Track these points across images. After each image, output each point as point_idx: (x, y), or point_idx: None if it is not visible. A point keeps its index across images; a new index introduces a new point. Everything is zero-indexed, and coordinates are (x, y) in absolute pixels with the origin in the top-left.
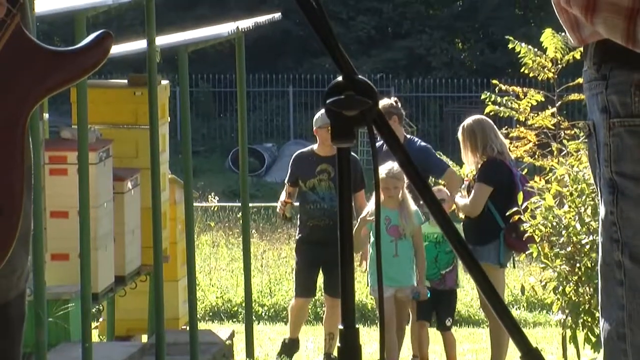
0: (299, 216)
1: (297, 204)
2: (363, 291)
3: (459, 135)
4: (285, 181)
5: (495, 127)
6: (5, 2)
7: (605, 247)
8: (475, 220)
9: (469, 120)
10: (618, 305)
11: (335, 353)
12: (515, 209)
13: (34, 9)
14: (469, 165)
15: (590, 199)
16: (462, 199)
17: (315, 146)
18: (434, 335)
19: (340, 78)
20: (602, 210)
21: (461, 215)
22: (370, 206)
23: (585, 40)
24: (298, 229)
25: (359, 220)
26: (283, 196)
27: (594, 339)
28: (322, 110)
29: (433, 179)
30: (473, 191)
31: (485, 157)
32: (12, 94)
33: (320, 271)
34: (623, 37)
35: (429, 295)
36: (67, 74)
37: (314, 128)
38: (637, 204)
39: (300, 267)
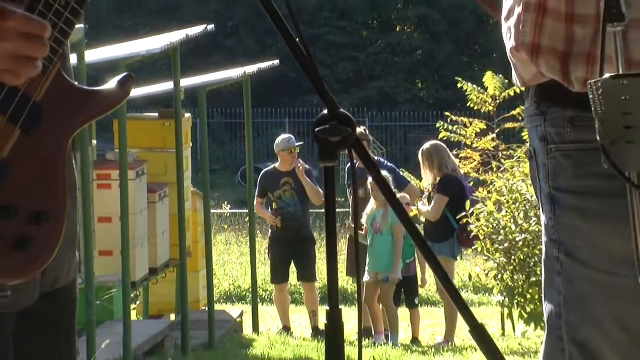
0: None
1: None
2: (343, 277)
3: (420, 156)
4: (255, 194)
5: (447, 149)
6: (49, 45)
7: (547, 245)
8: (434, 223)
9: (426, 145)
10: (557, 291)
11: (320, 326)
12: (464, 213)
13: (84, 58)
14: (427, 180)
15: (522, 205)
16: (424, 207)
17: (277, 164)
18: (401, 312)
19: (325, 111)
20: (543, 218)
21: (422, 219)
22: (368, 207)
23: (528, 83)
24: (271, 229)
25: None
26: (268, 212)
27: (525, 316)
28: (282, 136)
29: (396, 191)
30: (433, 201)
31: (441, 173)
32: (55, 125)
33: (293, 264)
34: (560, 76)
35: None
36: (97, 109)
37: (276, 150)
38: (570, 212)
39: (274, 260)
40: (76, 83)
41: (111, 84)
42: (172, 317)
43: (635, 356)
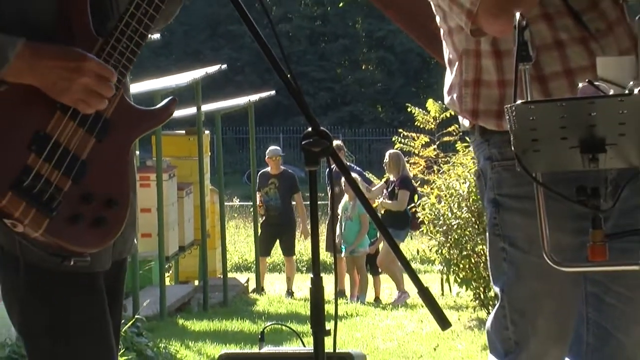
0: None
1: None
2: (323, 252)
3: (387, 159)
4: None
5: (403, 156)
6: (116, 75)
7: (492, 240)
8: (394, 212)
9: (392, 151)
10: (503, 273)
11: (293, 289)
12: (413, 204)
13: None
14: (392, 178)
15: (456, 198)
16: (389, 201)
17: (268, 168)
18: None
19: (309, 129)
20: (488, 218)
21: (382, 211)
22: (342, 201)
23: (475, 128)
24: (262, 217)
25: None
26: (258, 200)
27: (459, 280)
28: (271, 147)
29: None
30: (399, 195)
31: (400, 174)
32: (121, 135)
33: (278, 242)
34: (495, 127)
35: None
36: (149, 124)
37: (266, 158)
38: (511, 212)
39: (262, 238)
40: (134, 104)
41: (160, 104)
42: (196, 282)
43: (561, 318)
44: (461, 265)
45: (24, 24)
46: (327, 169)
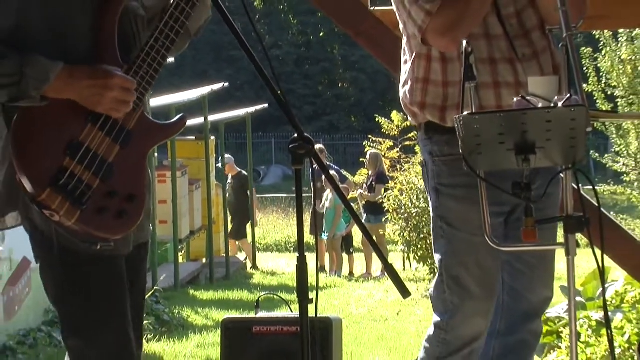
0: None
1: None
2: (307, 236)
3: (367, 158)
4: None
5: (381, 156)
6: (136, 94)
7: (434, 220)
8: (373, 202)
9: (371, 152)
10: (441, 246)
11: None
12: (381, 196)
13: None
14: (372, 174)
15: (415, 191)
16: (368, 193)
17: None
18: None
19: (296, 135)
20: (431, 203)
21: (363, 201)
22: (325, 194)
23: (420, 123)
24: None
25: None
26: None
27: (417, 258)
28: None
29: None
30: (376, 189)
31: (377, 170)
32: (140, 144)
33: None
34: (439, 120)
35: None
36: (165, 135)
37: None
38: (448, 198)
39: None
40: (152, 119)
41: (174, 119)
42: (204, 260)
43: (486, 283)
44: (419, 246)
45: (62, 51)
46: (311, 168)
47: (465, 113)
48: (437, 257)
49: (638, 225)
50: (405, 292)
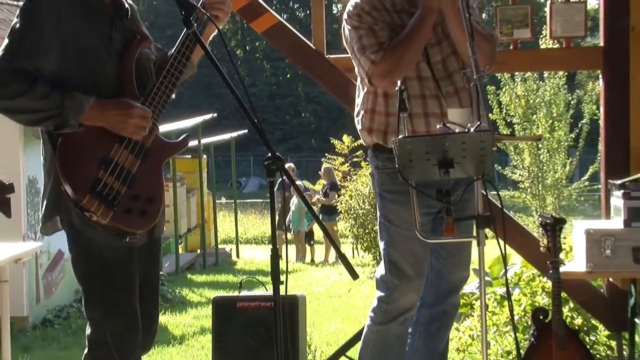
0: None
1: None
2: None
3: (323, 171)
4: None
5: (333, 170)
6: (151, 120)
7: (379, 218)
8: (327, 205)
9: (325, 167)
10: (384, 238)
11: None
12: (334, 200)
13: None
14: (326, 183)
15: (361, 197)
16: (324, 198)
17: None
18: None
19: (269, 154)
20: (378, 205)
21: (319, 205)
22: (293, 200)
23: (369, 144)
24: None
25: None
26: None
27: (363, 248)
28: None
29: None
30: (330, 195)
31: (330, 181)
32: (156, 158)
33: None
34: (382, 141)
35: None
36: (174, 151)
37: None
38: (389, 201)
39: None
40: (164, 139)
41: (179, 138)
42: (198, 251)
43: (418, 266)
44: (365, 239)
45: (93, 88)
46: (280, 179)
47: (400, 137)
48: (381, 246)
49: (531, 222)
50: (354, 275)
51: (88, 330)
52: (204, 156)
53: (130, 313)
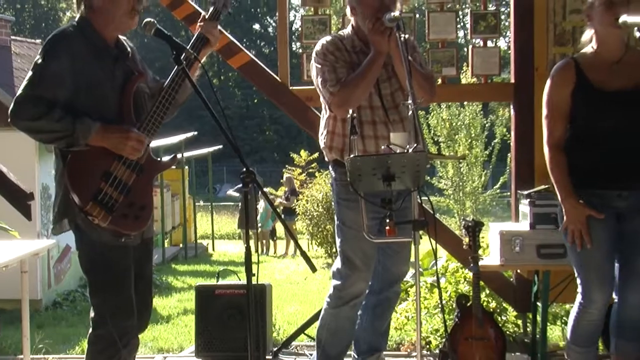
0: None
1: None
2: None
3: (285, 180)
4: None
5: (293, 178)
6: (146, 143)
7: (336, 221)
8: (288, 207)
9: (287, 176)
10: (338, 237)
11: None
12: (295, 203)
13: None
14: (287, 189)
15: (316, 201)
16: (285, 202)
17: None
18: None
19: (244, 169)
20: (335, 210)
21: (281, 207)
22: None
23: (329, 159)
24: None
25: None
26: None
27: (317, 243)
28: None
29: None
30: (290, 200)
31: (290, 187)
32: (148, 173)
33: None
34: (340, 157)
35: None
36: (164, 167)
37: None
38: (343, 207)
39: None
40: (155, 157)
41: (168, 157)
42: (181, 245)
43: (366, 261)
44: (318, 236)
45: (99, 115)
46: (251, 185)
47: (352, 156)
48: (337, 244)
49: (454, 222)
50: (313, 268)
51: (92, 313)
52: (186, 167)
53: (125, 299)
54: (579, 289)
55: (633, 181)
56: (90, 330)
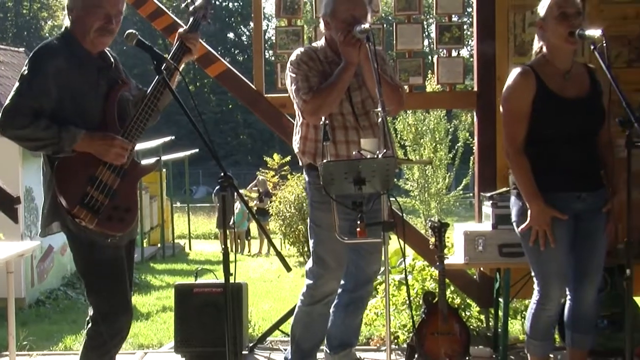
0: None
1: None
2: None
3: (258, 182)
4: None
5: (266, 180)
6: (129, 149)
7: (309, 222)
8: (261, 208)
9: (260, 178)
10: (312, 238)
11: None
12: (268, 205)
13: None
14: (261, 192)
15: (289, 203)
16: (259, 203)
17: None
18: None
19: (222, 174)
20: (309, 211)
21: (256, 208)
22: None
23: (303, 163)
24: None
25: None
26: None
27: (289, 242)
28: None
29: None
30: (264, 201)
31: (264, 189)
32: (131, 177)
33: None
34: (313, 161)
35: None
36: (147, 171)
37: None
38: (316, 209)
39: None
40: (138, 161)
41: (150, 161)
42: (159, 245)
43: (338, 260)
44: (291, 235)
45: (83, 123)
46: (218, 187)
47: (324, 161)
48: (310, 244)
49: (419, 222)
50: (288, 268)
51: (90, 312)
52: (164, 170)
53: (121, 298)
54: (537, 287)
55: (591, 183)
56: (90, 325)
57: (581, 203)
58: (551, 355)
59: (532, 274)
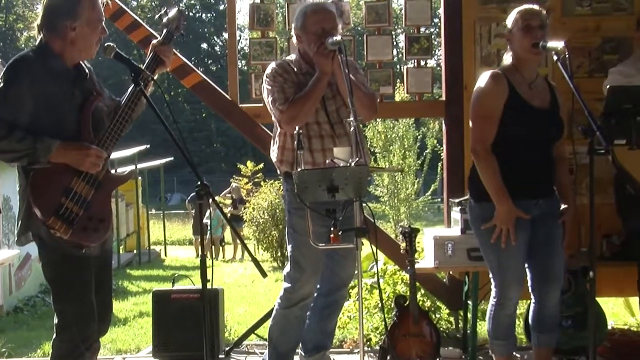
0: None
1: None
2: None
3: (233, 189)
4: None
5: (240, 188)
6: (104, 159)
7: (287, 228)
8: (236, 215)
9: (234, 185)
10: (289, 243)
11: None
12: (242, 212)
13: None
14: (235, 198)
15: (263, 209)
16: (233, 210)
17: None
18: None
19: (199, 182)
20: (286, 218)
21: (229, 214)
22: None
23: (281, 172)
24: None
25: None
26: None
27: (263, 248)
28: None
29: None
30: (238, 207)
31: (238, 196)
32: (106, 188)
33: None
34: (289, 169)
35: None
36: (121, 182)
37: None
38: (293, 215)
39: None
40: (112, 172)
41: (125, 171)
42: (135, 251)
43: (314, 265)
44: (264, 241)
45: (59, 133)
46: (193, 193)
47: (299, 169)
48: (288, 249)
49: (389, 227)
50: (264, 274)
51: (55, 320)
52: (139, 178)
53: (87, 306)
54: (494, 287)
55: (547, 190)
56: (55, 335)
57: (538, 209)
58: (517, 355)
59: (490, 275)
